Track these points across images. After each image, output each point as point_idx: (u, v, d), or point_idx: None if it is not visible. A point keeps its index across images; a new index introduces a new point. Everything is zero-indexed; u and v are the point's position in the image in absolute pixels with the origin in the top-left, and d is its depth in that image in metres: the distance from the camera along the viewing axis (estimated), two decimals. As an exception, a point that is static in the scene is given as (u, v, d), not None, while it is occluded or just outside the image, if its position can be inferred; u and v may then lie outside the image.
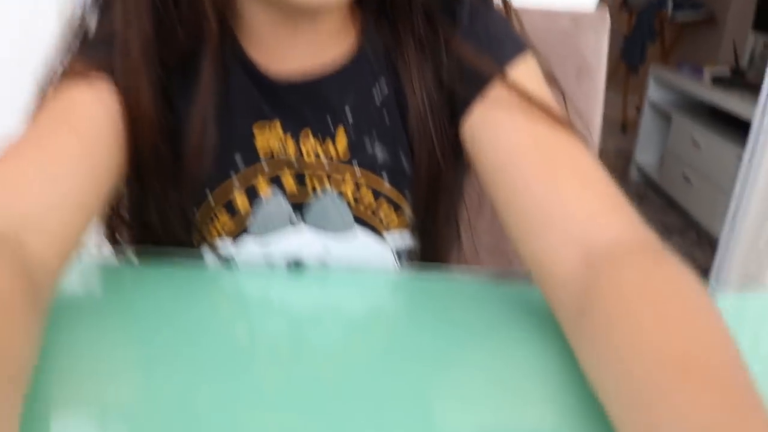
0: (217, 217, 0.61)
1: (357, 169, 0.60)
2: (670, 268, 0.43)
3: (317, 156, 0.60)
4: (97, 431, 0.41)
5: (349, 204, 0.61)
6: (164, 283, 0.56)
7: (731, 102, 2.63)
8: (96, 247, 0.62)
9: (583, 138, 0.55)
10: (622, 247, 0.46)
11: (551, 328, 0.50)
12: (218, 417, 0.42)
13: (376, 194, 0.61)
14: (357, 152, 0.60)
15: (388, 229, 0.63)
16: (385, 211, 0.62)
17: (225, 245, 0.62)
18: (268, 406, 0.43)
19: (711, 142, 2.72)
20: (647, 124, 3.43)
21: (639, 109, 3.78)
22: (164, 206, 0.59)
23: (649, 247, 0.46)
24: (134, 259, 0.62)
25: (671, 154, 3.07)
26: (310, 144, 0.60)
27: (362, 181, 0.61)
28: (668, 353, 0.37)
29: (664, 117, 3.31)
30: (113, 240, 0.65)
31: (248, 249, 0.62)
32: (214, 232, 0.61)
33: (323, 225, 0.62)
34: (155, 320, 0.52)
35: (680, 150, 2.98)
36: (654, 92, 3.38)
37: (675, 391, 0.34)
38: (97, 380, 0.44)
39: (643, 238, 0.48)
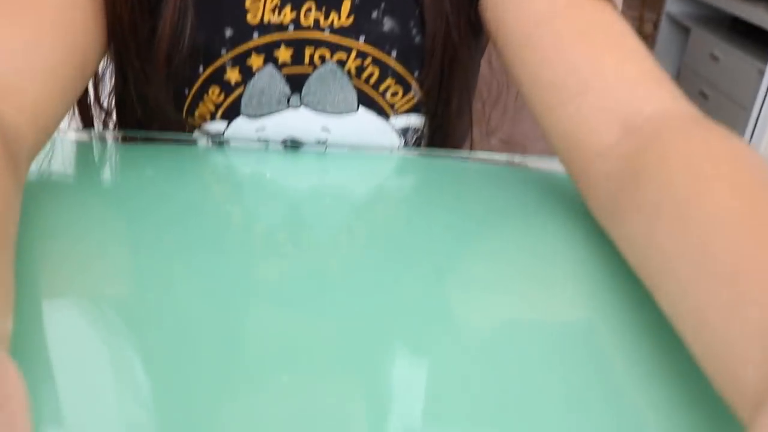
0: (208, 95, 0.56)
1: (362, 40, 0.55)
2: (724, 136, 0.38)
3: (318, 25, 0.54)
4: (81, 316, 0.37)
5: (351, 79, 0.56)
6: (152, 163, 0.52)
7: (755, 13, 2.53)
8: (75, 131, 0.58)
9: (615, 6, 0.50)
10: (668, 117, 0.42)
11: (575, 213, 0.46)
12: (211, 307, 0.38)
13: (383, 71, 0.56)
14: (363, 22, 0.55)
15: (394, 111, 0.58)
16: (392, 91, 0.57)
17: (217, 127, 0.57)
18: (266, 296, 0.40)
19: (731, 56, 2.63)
20: (664, 39, 3.33)
21: (656, 25, 3.66)
22: (148, 88, 0.55)
23: (696, 117, 0.42)
24: (118, 141, 0.57)
25: (688, 69, 2.99)
26: (310, 13, 0.54)
27: (368, 53, 0.55)
28: (749, 222, 0.32)
29: (682, 30, 3.21)
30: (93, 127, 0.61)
31: (242, 130, 0.57)
32: (206, 113, 0.57)
33: (322, 104, 0.57)
34: (143, 201, 0.48)
35: (698, 65, 2.90)
36: (672, 4, 3.27)
37: (761, 261, 0.30)
38: (83, 264, 0.41)
39: (688, 110, 0.43)
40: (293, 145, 0.58)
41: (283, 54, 0.55)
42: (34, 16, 0.46)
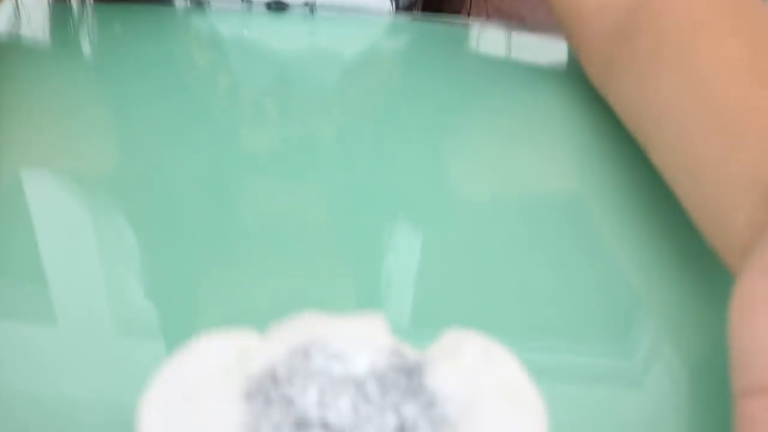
0: None
1: None
2: None
3: None
4: (65, 189, 0.36)
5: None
6: (129, 26, 0.49)
7: None
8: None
9: None
10: None
11: (571, 82, 0.44)
12: (200, 178, 0.36)
13: None
14: None
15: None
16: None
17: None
18: (255, 166, 0.38)
19: None
20: None
21: None
22: None
23: None
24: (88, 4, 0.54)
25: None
26: None
27: None
28: (749, 64, 0.31)
29: None
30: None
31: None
32: None
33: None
34: (121, 69, 0.45)
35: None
36: None
37: (760, 104, 0.30)
38: (63, 135, 0.39)
39: None
40: (278, 6, 0.54)
41: None
42: None
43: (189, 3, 0.54)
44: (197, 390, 0.21)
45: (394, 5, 0.57)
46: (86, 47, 0.48)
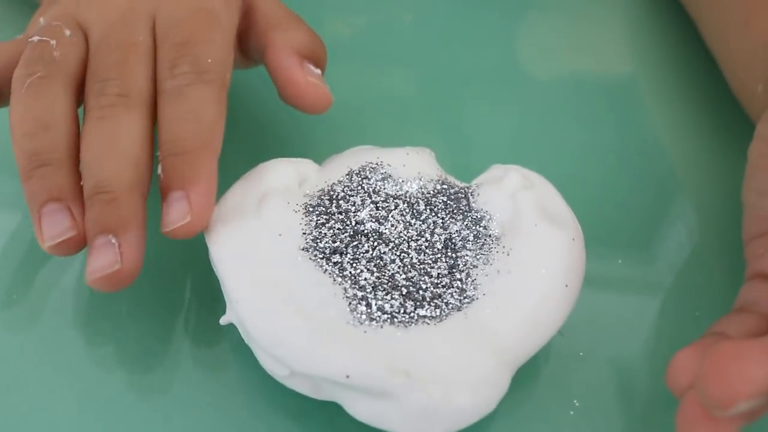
0: None
1: None
2: None
3: None
4: None
5: None
6: None
7: None
8: None
9: None
10: None
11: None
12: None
13: None
14: None
15: None
16: None
17: None
18: (339, 53, 0.39)
19: None
20: None
21: None
22: None
23: None
24: None
25: None
26: None
27: None
28: None
29: None
30: None
31: None
32: None
33: None
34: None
35: None
36: None
37: None
38: None
39: None
40: None
41: None
42: None
43: None
44: (261, 206, 0.23)
45: None
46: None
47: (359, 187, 0.24)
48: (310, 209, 0.23)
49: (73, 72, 0.23)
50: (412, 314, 0.20)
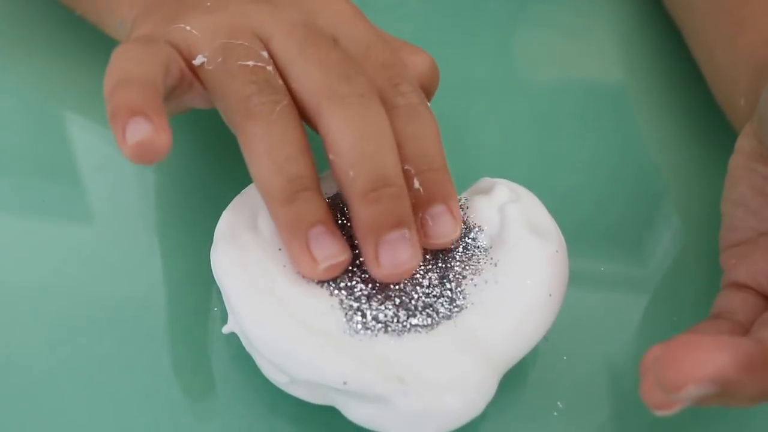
0: None
1: None
2: None
3: None
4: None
5: None
6: None
7: None
8: None
9: None
10: None
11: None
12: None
13: None
14: None
15: None
16: None
17: None
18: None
19: None
20: None
21: None
22: None
23: None
24: None
25: None
26: None
27: None
28: None
29: None
30: None
31: None
32: None
33: None
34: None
35: None
36: None
37: None
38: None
39: None
40: None
41: None
42: None
43: None
44: (259, 220, 0.24)
45: None
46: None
47: None
48: None
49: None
50: (404, 323, 0.22)
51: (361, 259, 0.23)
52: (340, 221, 0.24)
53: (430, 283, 0.23)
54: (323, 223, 0.22)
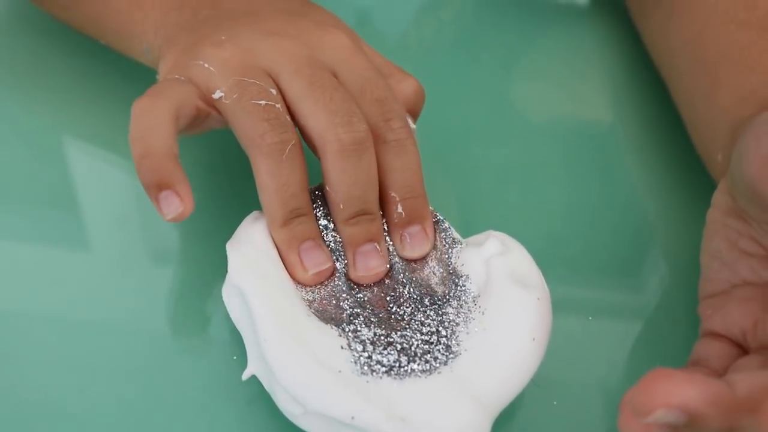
0: None
1: None
2: None
3: None
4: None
5: None
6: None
7: None
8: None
9: None
10: None
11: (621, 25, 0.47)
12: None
13: None
14: None
15: None
16: None
17: None
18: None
19: None
20: None
21: None
22: None
23: None
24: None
25: None
26: None
27: None
28: (745, 12, 0.34)
29: None
30: None
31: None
32: None
33: None
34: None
35: None
36: None
37: (745, 46, 0.33)
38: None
39: None
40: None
41: None
42: None
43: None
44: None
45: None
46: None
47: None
48: None
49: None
50: (405, 368, 0.24)
51: (366, 310, 0.26)
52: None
53: (428, 331, 0.25)
54: (312, 239, 0.28)
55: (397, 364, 0.24)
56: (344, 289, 0.27)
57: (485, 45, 0.47)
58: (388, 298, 0.27)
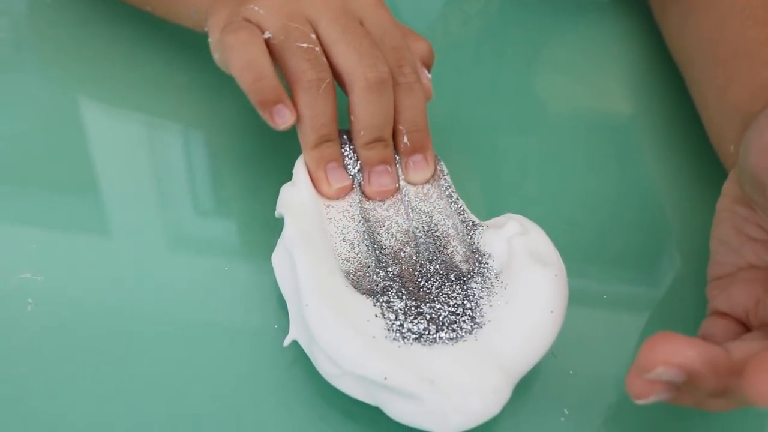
0: None
1: None
2: None
3: None
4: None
5: None
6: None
7: None
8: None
9: None
10: None
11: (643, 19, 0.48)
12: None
13: None
14: None
15: None
16: None
17: None
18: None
19: None
20: None
21: None
22: None
23: None
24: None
25: None
26: None
27: None
28: (762, 9, 0.35)
29: None
30: None
31: None
32: None
33: None
34: None
35: None
36: None
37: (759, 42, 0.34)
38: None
39: None
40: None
41: None
42: None
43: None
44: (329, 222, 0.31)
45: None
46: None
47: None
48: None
49: None
50: (434, 336, 0.26)
51: (397, 283, 0.28)
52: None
53: (454, 303, 0.28)
54: (336, 161, 0.32)
55: (427, 332, 0.26)
56: (374, 263, 0.29)
57: (509, 38, 0.49)
58: (416, 273, 0.29)
